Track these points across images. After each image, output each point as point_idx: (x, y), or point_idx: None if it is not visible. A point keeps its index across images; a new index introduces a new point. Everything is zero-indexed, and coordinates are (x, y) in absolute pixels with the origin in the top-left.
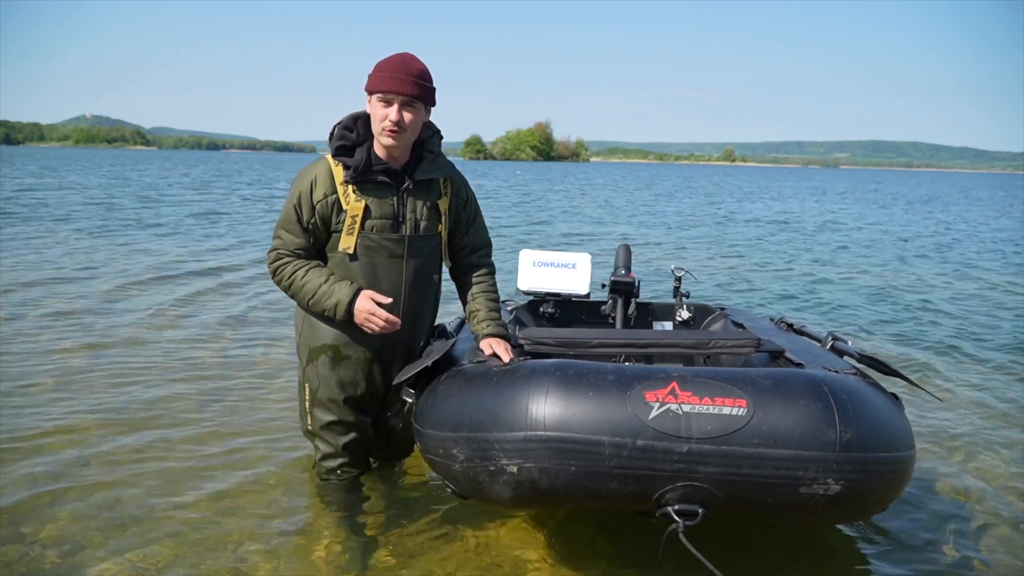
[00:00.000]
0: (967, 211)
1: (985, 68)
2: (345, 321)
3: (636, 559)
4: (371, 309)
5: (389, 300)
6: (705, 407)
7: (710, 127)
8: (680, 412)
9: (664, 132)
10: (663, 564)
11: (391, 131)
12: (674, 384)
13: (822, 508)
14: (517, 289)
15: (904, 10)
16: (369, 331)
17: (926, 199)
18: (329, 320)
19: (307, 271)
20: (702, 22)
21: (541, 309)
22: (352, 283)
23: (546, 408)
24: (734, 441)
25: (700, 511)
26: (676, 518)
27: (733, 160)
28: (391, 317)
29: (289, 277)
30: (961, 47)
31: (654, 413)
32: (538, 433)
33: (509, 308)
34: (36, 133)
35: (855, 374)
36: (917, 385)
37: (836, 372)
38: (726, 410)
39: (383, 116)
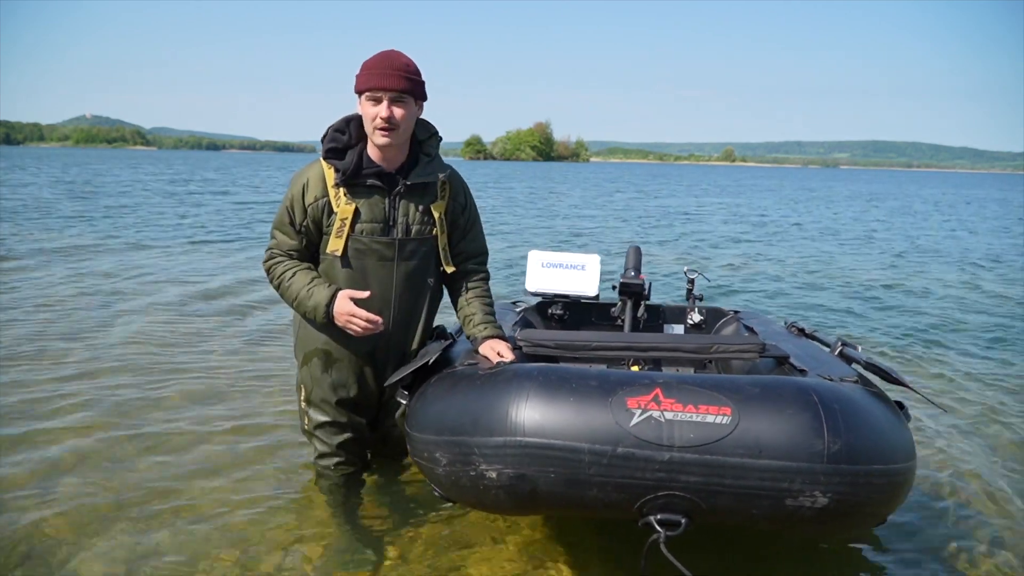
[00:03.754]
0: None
1: (985, 68)
2: (326, 324)
3: (637, 564)
4: (350, 311)
5: (366, 294)
6: (688, 415)
7: (710, 127)
8: (662, 420)
9: (664, 132)
10: (646, 573)
11: (383, 129)
12: (658, 391)
13: (810, 521)
14: (525, 290)
15: (904, 10)
16: (352, 333)
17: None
18: (317, 323)
19: (294, 273)
20: (702, 22)
21: (550, 311)
22: (331, 285)
23: (526, 413)
24: (717, 450)
25: (683, 521)
26: (657, 528)
27: (733, 160)
28: (372, 317)
29: (278, 277)
30: (961, 47)
31: (635, 420)
32: (517, 439)
33: (518, 309)
34: (36, 133)
35: (856, 382)
36: (919, 393)
37: (832, 380)
38: (709, 418)
39: (373, 115)
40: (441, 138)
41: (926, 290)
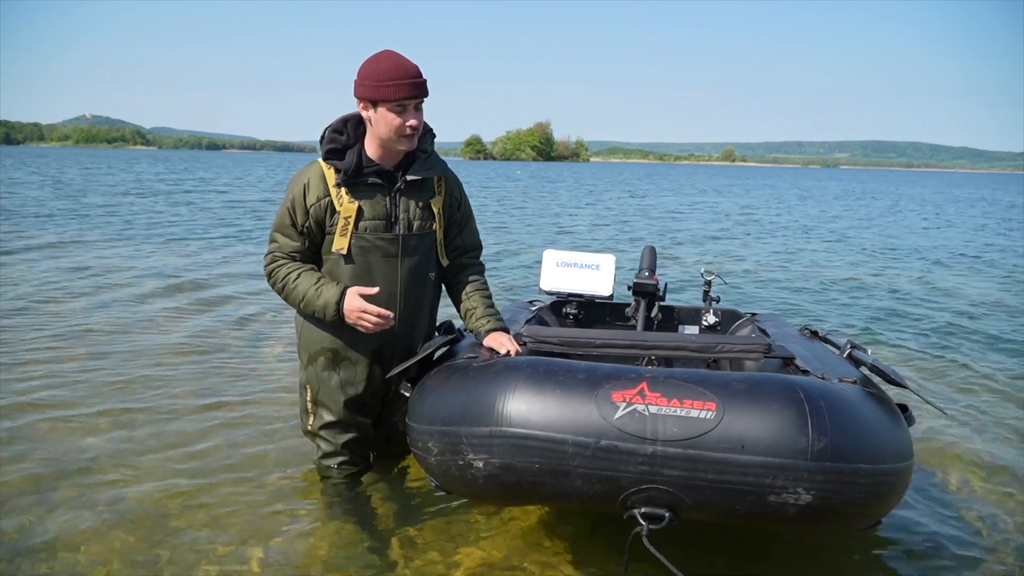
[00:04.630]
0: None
1: (985, 68)
2: (336, 322)
3: (642, 561)
4: (361, 307)
5: (376, 290)
6: (672, 409)
7: (710, 127)
8: (647, 413)
9: (664, 132)
10: (629, 566)
11: (411, 136)
12: (643, 385)
13: (795, 519)
14: (540, 289)
15: (904, 10)
16: (363, 330)
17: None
18: (325, 322)
19: (299, 274)
20: (702, 22)
21: (564, 310)
22: (339, 283)
23: (512, 404)
24: (700, 445)
25: (666, 515)
26: (641, 521)
27: (733, 160)
28: (383, 312)
29: (282, 280)
30: (961, 47)
31: (619, 413)
32: (503, 429)
33: (533, 308)
34: (36, 133)
35: (855, 382)
36: (920, 396)
37: (824, 379)
38: (694, 413)
39: (400, 123)
40: (435, 135)
41: (903, 288)
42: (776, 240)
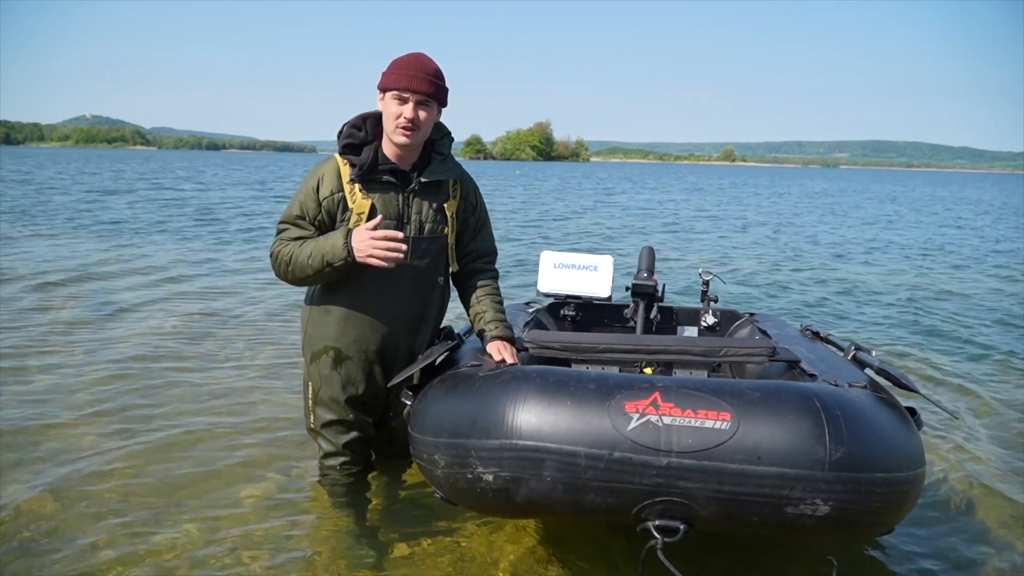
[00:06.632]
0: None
1: (985, 68)
2: (347, 263)
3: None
4: (369, 235)
5: (379, 219)
6: (687, 419)
7: (710, 127)
8: (660, 424)
9: (664, 132)
10: None
11: (405, 128)
12: (656, 395)
13: (812, 529)
14: (537, 291)
15: (904, 10)
16: (378, 262)
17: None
18: (335, 306)
19: (304, 241)
20: (702, 22)
21: (562, 312)
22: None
23: (522, 416)
24: (716, 456)
25: (681, 528)
26: (655, 534)
27: (733, 160)
28: (391, 233)
29: (288, 252)
30: (961, 47)
31: (633, 425)
32: (514, 442)
33: (530, 310)
34: (36, 133)
35: (865, 387)
36: (930, 400)
37: (837, 385)
38: (708, 423)
39: (397, 113)
40: (453, 139)
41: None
42: (745, 236)
